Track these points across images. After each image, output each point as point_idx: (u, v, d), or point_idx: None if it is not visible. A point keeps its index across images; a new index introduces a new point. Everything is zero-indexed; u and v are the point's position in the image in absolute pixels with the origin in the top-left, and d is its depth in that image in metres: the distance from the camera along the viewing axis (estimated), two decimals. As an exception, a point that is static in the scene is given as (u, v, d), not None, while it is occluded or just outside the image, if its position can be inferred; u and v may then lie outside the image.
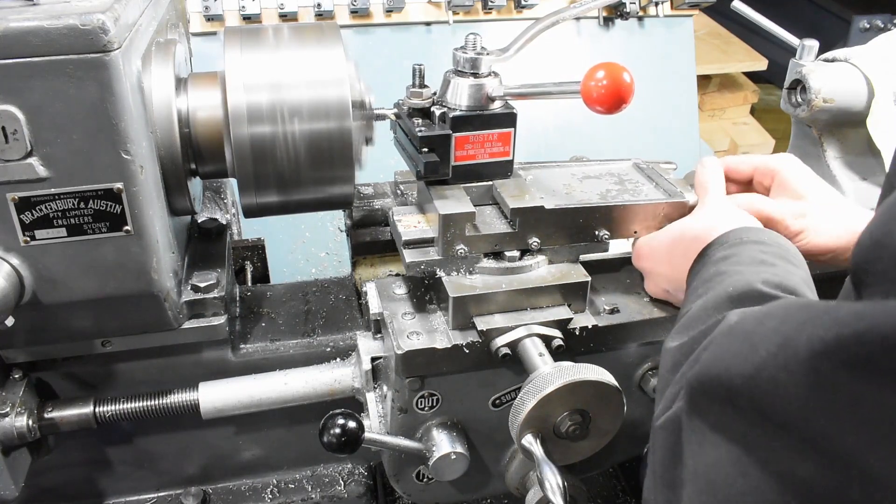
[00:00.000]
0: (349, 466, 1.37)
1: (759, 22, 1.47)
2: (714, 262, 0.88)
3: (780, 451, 0.53)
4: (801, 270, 0.86)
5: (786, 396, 0.52)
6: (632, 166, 1.23)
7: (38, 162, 0.86)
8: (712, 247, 0.91)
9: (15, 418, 1.03)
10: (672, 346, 0.80)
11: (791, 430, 0.52)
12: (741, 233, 0.90)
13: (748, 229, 0.91)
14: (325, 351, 1.22)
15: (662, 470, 0.67)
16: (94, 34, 0.81)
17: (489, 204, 1.10)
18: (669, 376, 0.76)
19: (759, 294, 0.77)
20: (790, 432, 0.52)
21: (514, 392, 1.06)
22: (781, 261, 0.85)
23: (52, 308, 0.97)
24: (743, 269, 0.83)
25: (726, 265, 0.85)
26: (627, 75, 0.90)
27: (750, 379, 0.56)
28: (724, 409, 0.59)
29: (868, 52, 1.33)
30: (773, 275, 0.81)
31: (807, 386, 0.51)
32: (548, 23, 1.03)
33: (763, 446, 0.55)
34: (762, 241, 0.88)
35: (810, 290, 0.82)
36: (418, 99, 1.05)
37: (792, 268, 0.84)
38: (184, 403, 1.12)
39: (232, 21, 2.50)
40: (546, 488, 0.88)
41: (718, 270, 0.85)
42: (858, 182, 1.38)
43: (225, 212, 1.36)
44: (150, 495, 1.30)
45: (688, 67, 2.98)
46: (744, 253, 0.86)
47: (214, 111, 1.01)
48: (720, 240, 0.91)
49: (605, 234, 1.08)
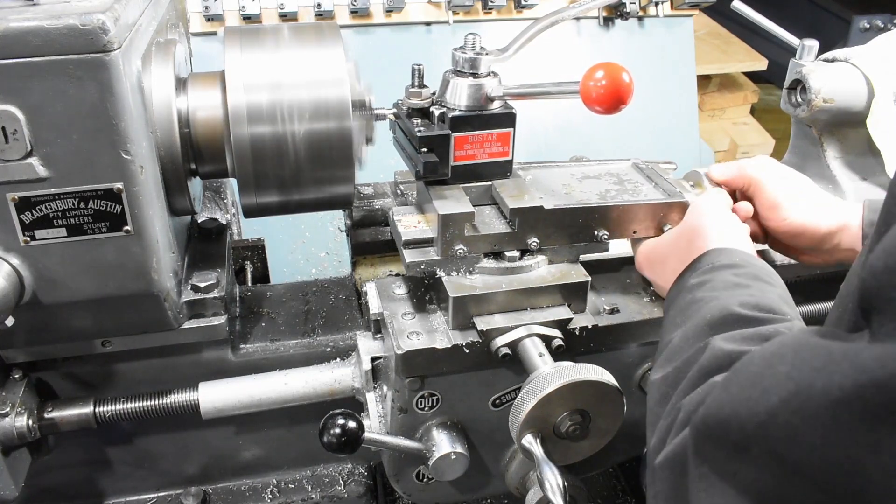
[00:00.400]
0: (349, 466, 1.37)
1: (759, 22, 1.47)
2: (688, 289, 0.89)
3: (795, 497, 0.52)
4: (778, 288, 0.86)
5: (803, 442, 0.51)
6: (631, 166, 1.23)
7: (38, 162, 0.86)
8: (686, 273, 0.93)
9: (15, 418, 1.03)
10: (656, 378, 0.80)
11: (807, 477, 0.51)
12: (713, 256, 0.91)
13: (720, 251, 0.92)
14: (325, 351, 1.22)
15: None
16: (94, 34, 0.81)
17: (488, 204, 1.10)
18: (658, 409, 0.76)
19: (738, 317, 0.78)
20: (806, 479, 0.52)
21: (514, 392, 1.06)
22: (756, 281, 0.85)
23: (52, 308, 0.97)
24: (718, 293, 0.84)
25: (701, 292, 0.86)
26: (626, 75, 0.90)
27: (762, 425, 0.55)
28: (733, 456, 0.58)
29: (868, 52, 1.33)
30: (749, 296, 0.81)
31: (825, 433, 0.50)
32: (547, 23, 1.03)
33: (776, 493, 0.54)
34: (735, 263, 0.89)
35: (788, 306, 0.83)
36: (417, 99, 1.05)
37: (767, 287, 0.85)
38: (184, 403, 1.12)
39: (232, 21, 2.50)
40: (546, 488, 0.88)
41: (694, 298, 0.86)
42: (858, 182, 1.38)
43: (225, 212, 1.36)
44: (150, 495, 1.30)
45: (688, 67, 2.98)
46: (717, 278, 0.87)
47: (214, 111, 1.01)
48: (693, 266, 0.92)
49: (604, 234, 1.08)
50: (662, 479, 0.68)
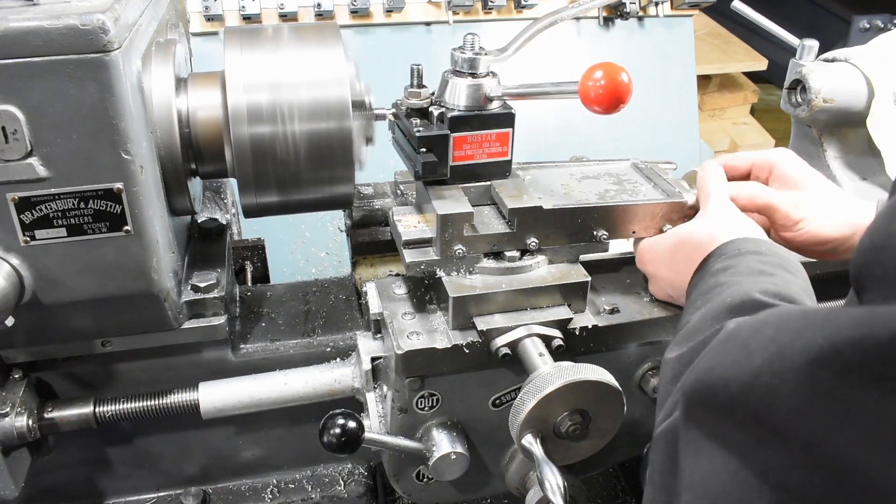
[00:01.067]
0: (349, 466, 1.37)
1: (759, 22, 1.47)
2: (712, 273, 0.89)
3: (777, 459, 0.53)
4: (800, 279, 0.86)
5: (782, 404, 0.52)
6: (630, 166, 1.23)
7: (38, 162, 0.86)
8: (711, 258, 0.92)
9: (15, 418, 1.03)
10: (671, 356, 0.80)
11: (787, 439, 0.52)
12: (739, 244, 0.91)
13: (746, 240, 0.92)
14: (325, 351, 1.22)
15: (661, 479, 0.67)
16: (94, 34, 0.82)
17: (487, 204, 1.10)
18: (670, 387, 0.76)
19: (757, 303, 0.77)
20: (787, 440, 0.52)
21: (514, 392, 1.06)
22: (780, 270, 0.85)
23: (52, 308, 0.97)
24: (741, 279, 0.83)
25: (725, 276, 0.86)
26: (625, 75, 0.89)
27: (746, 387, 0.56)
28: (720, 418, 0.59)
29: (868, 52, 1.33)
30: (772, 284, 0.81)
31: (803, 393, 0.50)
32: (546, 23, 1.03)
33: (759, 455, 0.54)
34: (760, 251, 0.88)
35: (809, 298, 0.83)
36: (416, 99, 1.05)
37: (790, 277, 0.85)
38: (184, 403, 1.12)
39: (232, 21, 2.50)
40: (546, 488, 0.88)
41: (717, 282, 0.86)
42: (858, 182, 1.38)
43: (225, 212, 1.36)
44: (150, 495, 1.30)
45: (688, 67, 2.98)
46: (742, 264, 0.86)
47: (214, 111, 1.01)
48: (719, 251, 0.92)
49: (603, 235, 1.08)
50: (658, 449, 0.68)
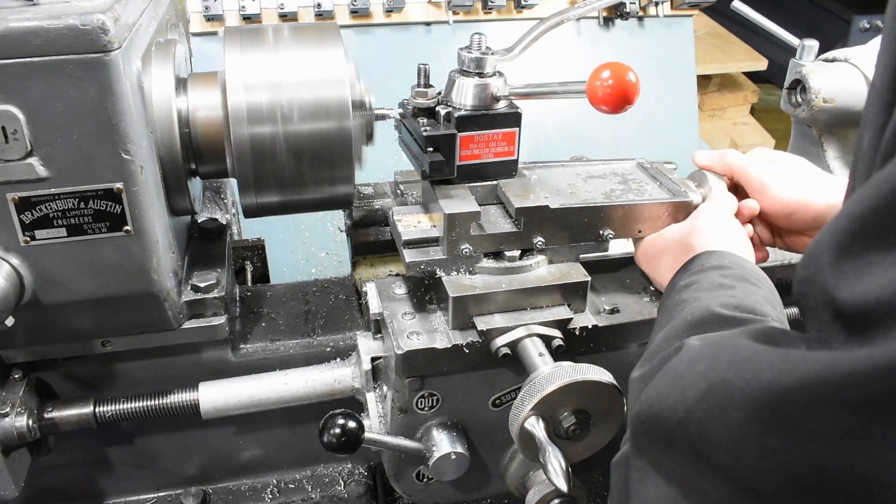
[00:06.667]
0: (349, 466, 1.37)
1: (759, 22, 1.47)
2: (677, 290, 0.90)
3: (713, 493, 0.54)
4: (764, 290, 0.87)
5: (714, 441, 0.54)
6: (635, 166, 1.23)
7: (38, 162, 0.86)
8: (678, 274, 0.94)
9: (15, 418, 1.03)
10: (635, 376, 0.81)
11: (722, 474, 0.53)
12: (704, 259, 0.92)
13: (712, 254, 0.93)
14: (325, 351, 1.21)
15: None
16: (94, 34, 0.81)
17: (494, 203, 1.10)
18: None
19: (718, 317, 0.78)
20: (722, 475, 0.53)
21: (514, 392, 1.06)
22: (741, 282, 0.86)
23: (52, 308, 0.97)
24: (702, 294, 0.84)
25: (687, 293, 0.87)
26: (633, 75, 0.90)
27: (682, 422, 0.57)
28: (663, 449, 0.60)
29: (868, 52, 1.33)
30: (731, 297, 0.82)
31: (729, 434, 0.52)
32: (552, 23, 1.03)
33: (698, 488, 0.56)
34: (723, 265, 0.90)
35: (772, 307, 0.83)
36: (423, 98, 1.05)
37: (752, 288, 0.85)
38: (184, 403, 1.12)
39: (232, 21, 2.50)
40: (549, 471, 0.86)
41: (680, 299, 0.87)
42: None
43: (225, 212, 1.36)
44: (150, 495, 1.30)
45: (688, 67, 2.98)
46: (704, 279, 0.88)
47: (214, 111, 1.01)
48: (685, 268, 0.94)
49: (609, 234, 1.08)
50: (615, 475, 0.70)
